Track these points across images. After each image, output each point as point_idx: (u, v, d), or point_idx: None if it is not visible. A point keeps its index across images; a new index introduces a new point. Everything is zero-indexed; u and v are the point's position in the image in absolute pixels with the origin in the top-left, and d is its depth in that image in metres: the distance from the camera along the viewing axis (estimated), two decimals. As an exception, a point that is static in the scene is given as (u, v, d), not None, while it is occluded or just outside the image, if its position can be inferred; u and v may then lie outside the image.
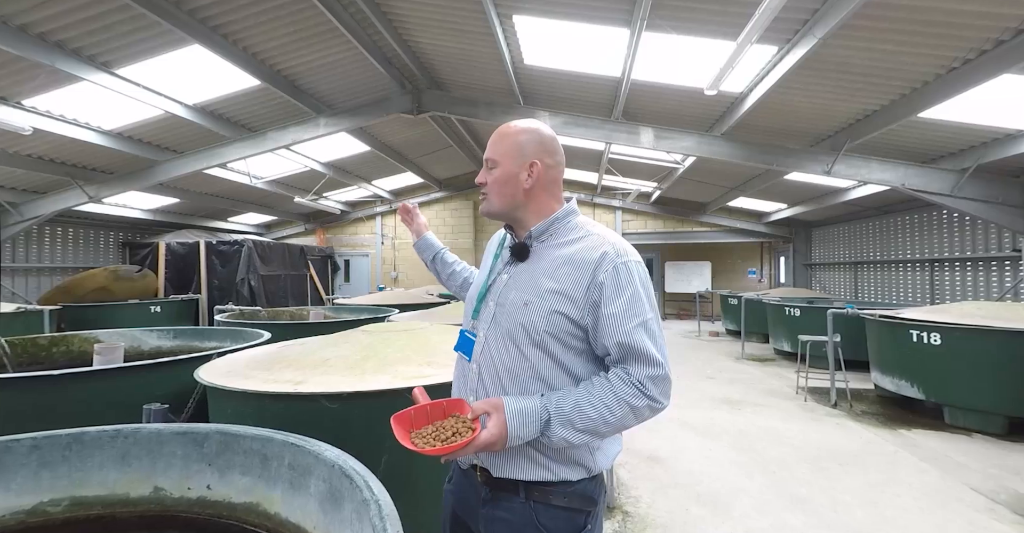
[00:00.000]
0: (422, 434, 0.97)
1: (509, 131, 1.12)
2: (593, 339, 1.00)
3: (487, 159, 1.12)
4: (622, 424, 0.96)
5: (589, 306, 0.98)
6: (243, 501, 1.41)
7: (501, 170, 1.08)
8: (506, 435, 0.92)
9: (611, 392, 0.94)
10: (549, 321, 0.98)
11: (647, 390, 0.94)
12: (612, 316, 0.96)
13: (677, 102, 5.64)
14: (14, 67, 4.52)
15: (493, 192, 1.10)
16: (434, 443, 0.92)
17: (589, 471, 1.02)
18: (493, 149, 1.11)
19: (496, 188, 1.09)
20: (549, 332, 0.99)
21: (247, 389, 1.99)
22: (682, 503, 2.79)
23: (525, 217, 1.11)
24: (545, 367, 1.01)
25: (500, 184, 1.08)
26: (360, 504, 1.05)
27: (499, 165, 1.09)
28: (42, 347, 3.63)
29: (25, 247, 8.39)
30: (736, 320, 8.89)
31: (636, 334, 0.95)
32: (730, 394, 5.29)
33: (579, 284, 0.99)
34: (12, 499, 1.39)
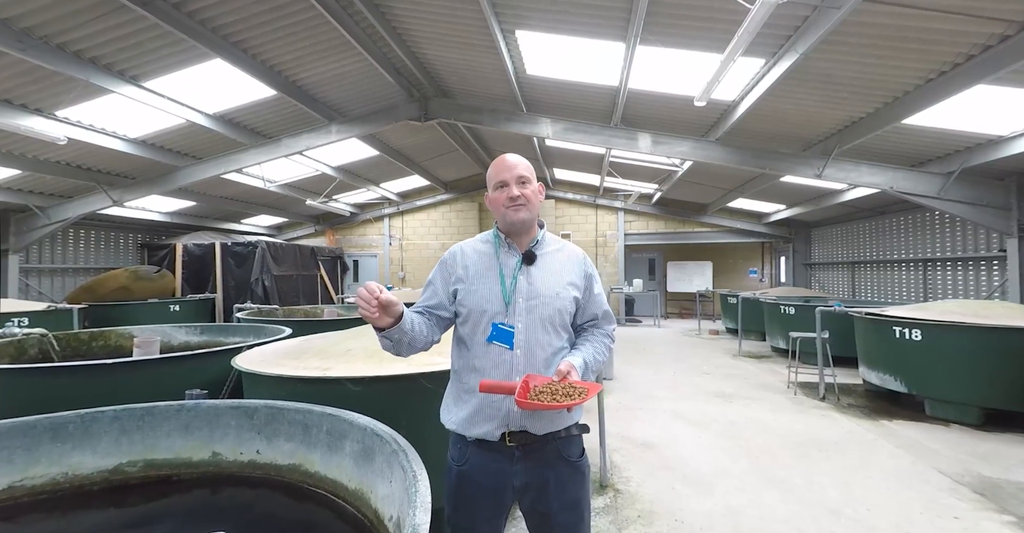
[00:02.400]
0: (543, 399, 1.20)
1: (521, 159, 1.45)
2: (582, 311, 1.48)
3: (519, 177, 1.39)
4: (605, 361, 1.52)
5: (585, 288, 1.47)
6: (287, 463, 1.70)
7: (533, 185, 1.42)
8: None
9: (601, 343, 1.47)
10: (571, 303, 1.42)
11: (614, 337, 1.55)
12: (598, 295, 1.50)
13: (673, 109, 5.89)
14: (51, 81, 4.86)
15: (533, 203, 1.40)
16: (575, 397, 1.20)
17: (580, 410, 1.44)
18: (520, 169, 1.41)
19: (533, 199, 1.40)
20: (570, 311, 1.42)
21: (282, 374, 2.28)
22: (669, 483, 3.05)
23: (534, 227, 1.48)
24: (563, 338, 1.42)
25: (535, 196, 1.41)
26: (390, 455, 1.34)
27: (531, 182, 1.41)
28: (83, 341, 3.95)
29: (51, 249, 8.78)
30: (735, 319, 9.11)
31: (607, 305, 1.54)
32: (724, 388, 5.53)
33: (580, 276, 1.46)
34: (98, 460, 1.69)
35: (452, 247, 1.51)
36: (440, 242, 13.96)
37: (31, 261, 8.37)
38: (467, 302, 1.40)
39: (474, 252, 1.47)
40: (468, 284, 1.42)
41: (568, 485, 1.39)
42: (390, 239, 14.18)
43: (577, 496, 1.41)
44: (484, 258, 1.45)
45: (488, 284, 1.40)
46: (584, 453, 1.44)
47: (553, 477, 1.37)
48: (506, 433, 1.34)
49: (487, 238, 1.49)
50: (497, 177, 1.41)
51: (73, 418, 1.68)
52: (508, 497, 1.39)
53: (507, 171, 1.40)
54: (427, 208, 13.95)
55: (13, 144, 6.01)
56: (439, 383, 2.37)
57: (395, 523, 1.21)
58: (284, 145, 7.32)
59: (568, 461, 1.39)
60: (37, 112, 5.38)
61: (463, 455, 1.41)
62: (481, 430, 1.36)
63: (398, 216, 14.06)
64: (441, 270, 1.48)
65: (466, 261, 1.45)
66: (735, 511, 2.68)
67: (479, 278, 1.41)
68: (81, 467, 1.65)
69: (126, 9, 4.03)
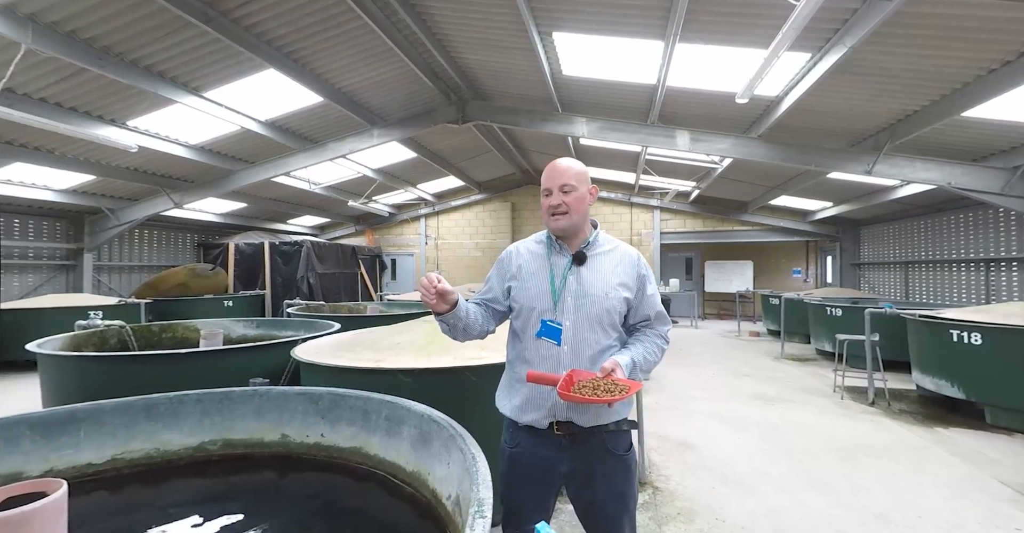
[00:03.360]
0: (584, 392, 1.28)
1: (572, 164, 1.51)
2: (634, 311, 1.51)
3: (563, 185, 1.44)
4: (658, 362, 1.51)
5: (638, 289, 1.50)
6: (349, 446, 1.84)
7: (578, 192, 1.45)
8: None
9: (653, 343, 1.49)
10: (622, 303, 1.46)
11: (668, 339, 1.56)
12: (652, 296, 1.52)
13: (712, 106, 5.79)
14: (125, 94, 5.30)
15: (574, 209, 1.44)
16: (616, 393, 1.26)
17: (630, 409, 1.55)
18: (566, 177, 1.45)
19: (576, 206, 1.44)
20: (619, 311, 1.46)
21: (338, 365, 2.45)
22: (708, 482, 3.05)
23: (584, 228, 1.52)
24: (612, 337, 1.47)
25: (578, 203, 1.45)
26: (447, 439, 1.45)
27: (576, 189, 1.44)
28: (154, 333, 4.30)
29: (119, 248, 9.52)
30: (777, 320, 8.83)
31: (661, 306, 1.55)
32: (764, 391, 5.41)
33: (632, 277, 1.49)
34: (184, 438, 1.89)
35: (509, 247, 1.63)
36: (474, 241, 14.17)
37: (102, 259, 9.10)
38: (519, 298, 1.52)
39: (527, 252, 1.57)
40: (521, 282, 1.53)
41: (614, 477, 1.46)
42: (426, 238, 14.51)
43: (622, 488, 1.47)
44: (536, 258, 1.55)
45: (538, 283, 1.50)
46: (632, 448, 1.51)
47: (599, 468, 1.45)
48: (553, 423, 1.44)
49: (540, 239, 1.59)
50: (544, 184, 1.51)
51: (163, 400, 1.88)
52: (555, 480, 1.49)
53: (552, 179, 1.48)
54: (461, 208, 14.19)
55: (89, 152, 6.56)
56: (483, 376, 2.49)
57: (453, 501, 1.32)
58: (329, 149, 7.66)
59: (614, 454, 1.46)
60: (111, 122, 5.88)
61: (515, 438, 1.52)
62: (530, 417, 1.46)
63: (433, 216, 14.37)
64: (498, 267, 1.61)
65: (520, 260, 1.56)
66: (777, 512, 2.66)
67: (530, 277, 1.52)
68: (170, 444, 1.85)
69: (192, 26, 4.35)
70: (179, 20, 4.29)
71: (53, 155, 6.35)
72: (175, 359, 2.91)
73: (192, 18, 4.16)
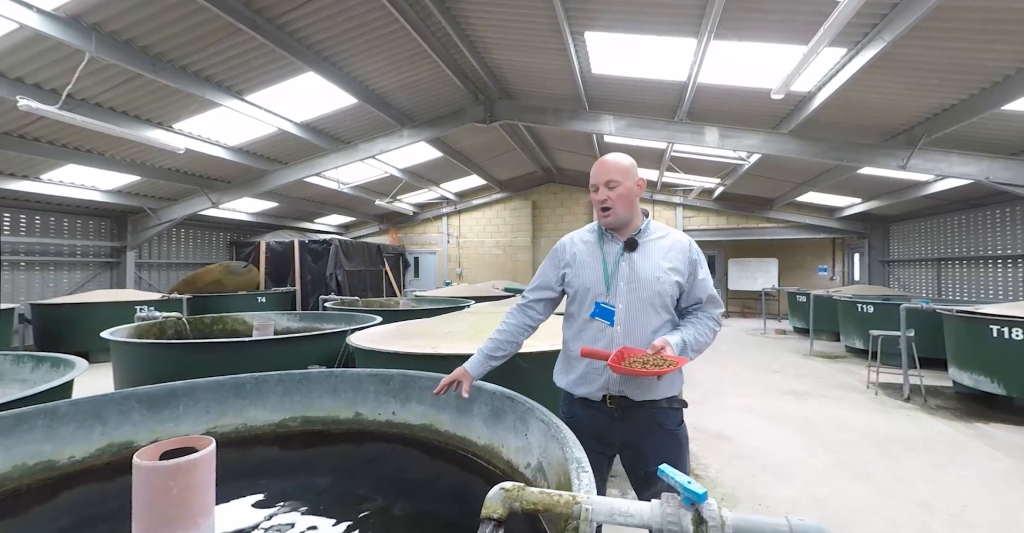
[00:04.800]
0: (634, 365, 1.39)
1: (619, 159, 1.60)
2: (687, 294, 1.59)
3: (608, 181, 1.54)
4: (710, 344, 1.58)
5: (689, 274, 1.57)
6: (419, 423, 1.97)
7: (623, 187, 1.54)
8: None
9: (705, 325, 1.57)
10: (673, 287, 1.54)
11: (720, 321, 1.63)
12: (703, 280, 1.59)
13: (743, 102, 5.80)
14: (174, 98, 5.56)
15: (619, 204, 1.54)
16: (662, 366, 1.37)
17: (680, 387, 1.63)
18: (612, 173, 1.55)
19: (621, 201, 1.54)
20: (671, 294, 1.54)
21: (397, 350, 2.59)
22: (748, 471, 3.11)
23: (634, 219, 1.61)
24: (661, 319, 1.55)
25: (623, 197, 1.54)
26: (524, 413, 1.56)
27: (621, 184, 1.54)
28: (207, 325, 4.53)
29: (159, 246, 9.92)
30: (804, 318, 8.75)
31: (713, 289, 1.62)
32: (796, 387, 5.41)
33: (684, 262, 1.57)
34: (268, 415, 2.04)
35: (563, 238, 1.76)
36: (495, 240, 14.31)
37: (143, 256, 9.50)
38: (574, 283, 1.65)
39: (581, 241, 1.70)
40: (575, 269, 1.65)
41: (665, 449, 1.55)
42: (448, 237, 14.71)
43: (673, 460, 1.54)
44: (589, 247, 1.66)
45: (592, 269, 1.62)
46: (682, 424, 1.61)
47: (650, 440, 1.55)
48: (607, 396, 1.55)
49: (592, 229, 1.70)
50: (591, 180, 1.62)
51: (249, 379, 2.04)
52: (608, 448, 1.61)
53: (598, 176, 1.58)
54: (482, 207, 14.33)
55: (136, 154, 6.88)
56: (532, 362, 2.61)
57: (535, 468, 1.43)
58: (361, 150, 7.87)
59: (665, 428, 1.56)
60: (159, 125, 6.16)
61: (571, 409, 1.66)
62: (584, 390, 1.59)
63: (455, 215, 14.55)
64: (551, 257, 1.74)
65: (574, 249, 1.69)
66: (820, 500, 2.71)
67: (584, 264, 1.64)
68: (256, 420, 2.01)
69: (241, 32, 4.56)
70: (229, 27, 4.50)
71: (103, 157, 6.68)
72: (239, 347, 3.10)
73: (242, 25, 4.37)
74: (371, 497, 1.62)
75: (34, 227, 7.75)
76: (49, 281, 8.01)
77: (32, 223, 7.72)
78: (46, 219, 7.90)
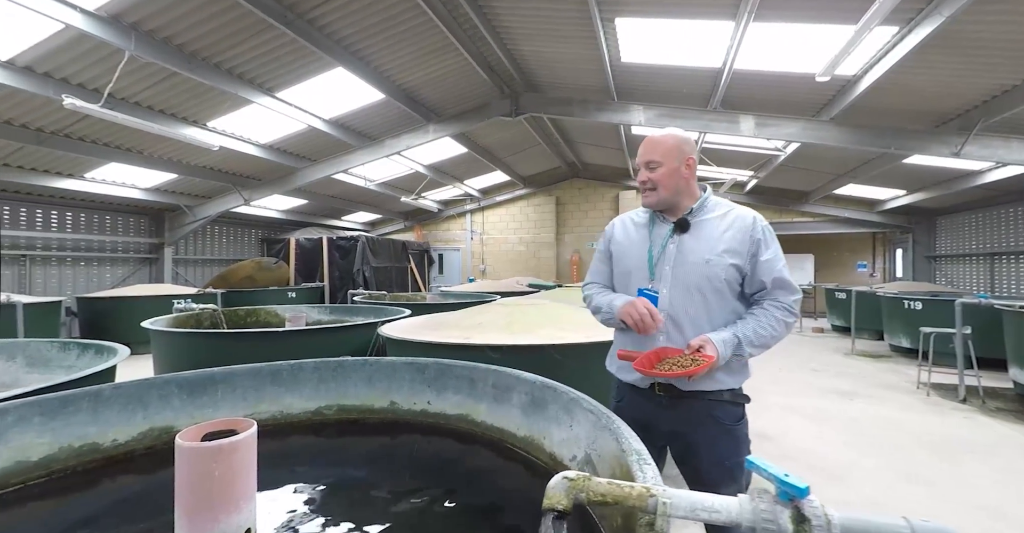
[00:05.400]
0: (664, 367, 1.33)
1: (663, 138, 1.48)
2: (749, 280, 1.42)
3: (648, 162, 1.45)
4: (780, 337, 1.39)
5: (749, 257, 1.40)
6: (455, 413, 1.92)
7: (665, 168, 1.43)
8: (718, 357, 1.33)
9: (770, 316, 1.38)
10: (727, 271, 1.39)
11: (793, 310, 1.40)
12: (767, 261, 1.40)
13: (781, 88, 5.55)
14: (208, 96, 5.69)
15: (662, 185, 1.43)
16: (690, 366, 1.28)
17: (741, 380, 1.46)
18: (653, 153, 1.45)
19: (664, 181, 1.43)
20: (726, 279, 1.39)
21: (430, 340, 2.55)
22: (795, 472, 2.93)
23: (683, 200, 1.49)
24: (715, 307, 1.42)
25: (666, 178, 1.43)
26: (568, 403, 1.48)
27: (662, 164, 1.43)
28: (241, 317, 4.61)
29: (193, 243, 10.23)
30: (844, 315, 8.38)
31: (783, 272, 1.41)
32: (839, 386, 5.16)
33: (743, 242, 1.41)
34: (304, 402, 2.02)
35: (614, 218, 1.68)
36: (518, 236, 14.24)
37: (179, 253, 9.81)
38: (618, 266, 1.58)
39: (630, 222, 1.62)
40: (621, 249, 1.58)
41: (717, 445, 1.44)
42: (472, 234, 14.72)
43: (727, 457, 1.44)
44: (638, 228, 1.58)
45: (637, 251, 1.53)
46: (742, 420, 1.47)
47: (702, 434, 1.44)
48: (655, 384, 1.46)
49: (645, 209, 1.60)
50: (637, 160, 1.52)
51: (286, 367, 2.02)
52: (657, 437, 1.50)
53: (640, 156, 1.49)
54: (506, 203, 14.28)
55: (173, 152, 7.09)
56: (567, 355, 2.52)
57: (582, 461, 1.35)
58: (387, 146, 7.91)
59: (720, 423, 1.44)
60: (194, 124, 6.32)
61: (621, 394, 1.60)
62: (631, 378, 1.52)
63: (479, 212, 14.55)
64: (603, 238, 1.67)
65: (622, 228, 1.62)
66: (876, 502, 2.55)
67: (630, 245, 1.56)
68: (292, 408, 1.99)
69: (272, 28, 4.61)
70: (261, 23, 4.55)
71: (143, 155, 6.90)
72: (273, 336, 3.13)
73: (273, 21, 4.41)
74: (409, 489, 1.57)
75: (79, 224, 8.09)
76: (93, 276, 8.36)
77: (77, 220, 8.06)
78: (90, 216, 8.23)
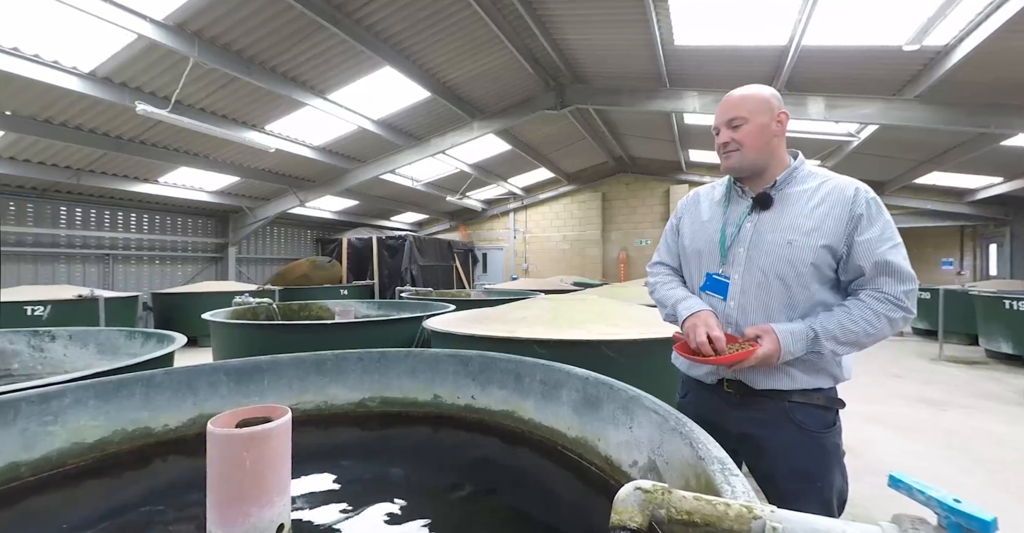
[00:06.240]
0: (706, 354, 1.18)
1: (750, 90, 1.27)
2: (844, 265, 1.17)
3: (731, 120, 1.24)
4: (879, 335, 1.14)
5: (846, 236, 1.15)
6: (500, 409, 1.80)
7: (752, 124, 1.22)
8: (779, 350, 1.13)
9: (865, 308, 1.12)
10: (816, 254, 1.16)
11: (902, 302, 1.11)
12: (868, 241, 1.13)
13: (858, 65, 5.04)
14: (265, 100, 5.93)
15: (748, 145, 1.22)
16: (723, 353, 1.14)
17: (837, 380, 1.25)
18: (737, 109, 1.24)
19: (750, 141, 1.22)
20: (814, 263, 1.16)
21: (474, 333, 2.45)
22: (884, 489, 2.60)
23: (770, 166, 1.26)
24: (798, 297, 1.19)
25: (754, 136, 1.22)
26: (627, 401, 1.32)
27: (749, 120, 1.22)
28: (294, 311, 4.74)
29: (254, 243, 10.81)
30: (928, 317, 7.55)
31: (890, 255, 1.12)
32: (928, 394, 4.60)
33: (839, 219, 1.16)
34: (348, 393, 1.97)
35: (691, 191, 1.51)
36: (562, 234, 14.02)
37: (242, 252, 10.39)
38: (686, 248, 1.40)
39: (706, 198, 1.43)
40: (691, 228, 1.41)
41: (797, 453, 1.22)
42: (515, 233, 14.65)
43: (808, 467, 1.22)
44: (712, 204, 1.39)
45: (708, 232, 1.35)
46: (832, 428, 1.24)
47: (778, 439, 1.23)
48: (723, 380, 1.29)
49: (723, 182, 1.41)
50: (714, 124, 1.32)
51: (330, 357, 1.99)
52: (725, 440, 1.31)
53: (719, 116, 1.28)
54: (549, 201, 14.10)
55: (235, 155, 7.48)
56: (619, 352, 2.35)
57: (644, 467, 1.19)
58: (432, 144, 7.98)
59: (803, 428, 1.22)
60: (252, 127, 6.62)
61: (684, 388, 1.47)
62: (696, 372, 1.37)
63: (522, 210, 14.46)
64: (673, 216, 1.51)
65: (693, 206, 1.45)
66: (988, 531, 2.18)
67: (701, 225, 1.38)
68: (336, 398, 1.95)
69: (322, 29, 4.72)
70: (312, 25, 4.67)
71: (208, 159, 7.33)
72: (322, 328, 3.16)
73: (323, 21, 4.50)
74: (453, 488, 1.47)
75: (154, 225, 8.74)
76: (167, 274, 9.00)
77: (153, 222, 8.71)
78: (164, 218, 8.88)
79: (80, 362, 2.65)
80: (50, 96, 4.95)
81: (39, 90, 4.79)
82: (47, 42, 4.29)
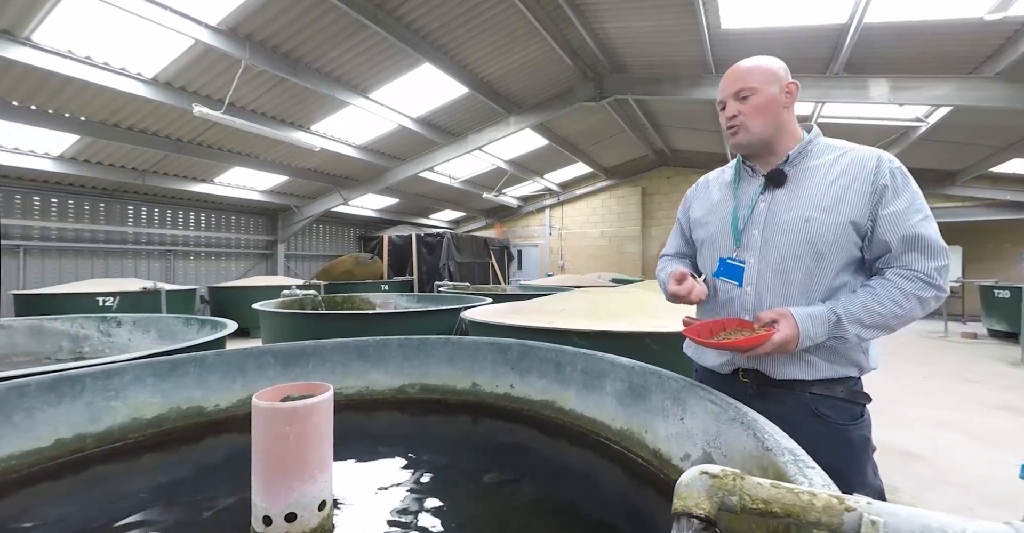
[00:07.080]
0: (719, 338, 1.11)
1: (756, 61, 1.16)
2: (869, 242, 1.07)
3: (739, 91, 1.14)
4: (909, 316, 1.02)
5: (870, 211, 1.06)
6: (540, 399, 1.75)
7: (761, 95, 1.12)
8: (798, 335, 1.02)
9: (896, 289, 1.01)
10: (837, 231, 1.06)
11: (934, 280, 1.01)
12: (894, 214, 1.03)
13: (927, 42, 4.64)
14: (310, 99, 6.13)
15: (754, 117, 1.12)
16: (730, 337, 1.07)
17: (862, 369, 1.14)
18: (745, 80, 1.13)
19: (757, 112, 1.12)
20: (836, 242, 1.06)
21: (513, 323, 2.41)
22: (960, 500, 2.37)
23: (781, 140, 1.16)
24: (819, 279, 1.09)
25: (762, 108, 1.12)
26: (678, 391, 1.24)
27: (757, 91, 1.12)
28: (338, 303, 4.88)
29: (301, 240, 11.25)
30: (1007, 318, 6.90)
31: (920, 228, 1.01)
32: (1009, 400, 4.18)
33: (860, 192, 1.06)
34: (388, 379, 1.98)
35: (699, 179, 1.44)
36: (599, 230, 13.78)
37: (290, 249, 10.85)
38: (697, 233, 1.33)
39: (715, 181, 1.35)
40: (700, 215, 1.33)
41: (822, 449, 1.08)
42: (550, 229, 14.54)
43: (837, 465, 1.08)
44: (722, 187, 1.31)
45: (719, 215, 1.26)
46: (860, 421, 1.13)
47: (802, 434, 1.10)
48: (739, 370, 1.20)
49: (732, 164, 1.32)
50: (718, 97, 1.20)
51: (371, 342, 2.00)
52: None
53: (725, 89, 1.17)
54: (586, 197, 13.89)
55: (283, 155, 7.79)
56: (664, 344, 2.24)
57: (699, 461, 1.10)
58: (470, 141, 8.01)
59: (826, 421, 1.12)
60: (299, 128, 6.87)
61: (698, 379, 1.38)
62: (709, 362, 1.29)
63: (558, 207, 14.32)
64: (683, 204, 1.45)
65: (702, 189, 1.38)
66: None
67: (711, 208, 1.30)
68: (377, 384, 1.96)
69: (364, 28, 4.82)
70: (355, 24, 4.78)
71: (258, 159, 7.67)
72: (363, 318, 3.24)
73: (365, 19, 4.59)
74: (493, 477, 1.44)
75: (211, 223, 9.25)
76: (222, 269, 9.52)
77: (209, 220, 9.23)
78: (219, 217, 9.38)
79: (143, 346, 2.82)
80: (118, 101, 5.32)
81: (109, 96, 5.15)
82: (115, 50, 4.60)
